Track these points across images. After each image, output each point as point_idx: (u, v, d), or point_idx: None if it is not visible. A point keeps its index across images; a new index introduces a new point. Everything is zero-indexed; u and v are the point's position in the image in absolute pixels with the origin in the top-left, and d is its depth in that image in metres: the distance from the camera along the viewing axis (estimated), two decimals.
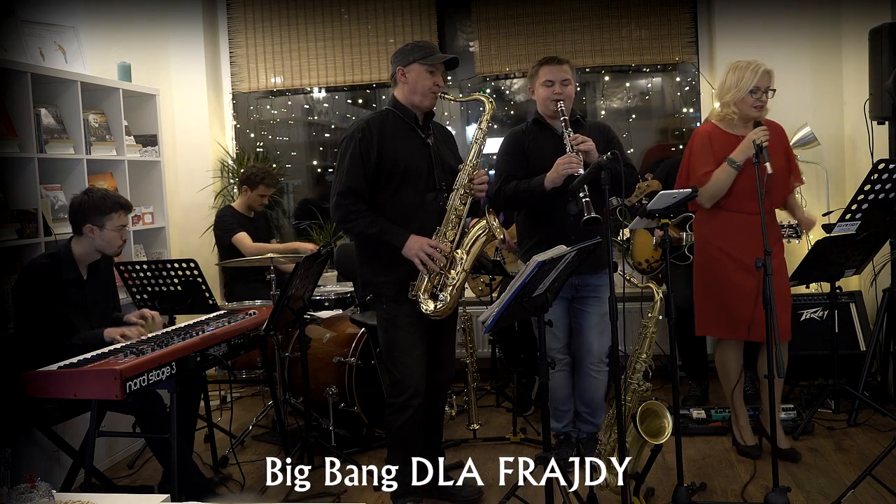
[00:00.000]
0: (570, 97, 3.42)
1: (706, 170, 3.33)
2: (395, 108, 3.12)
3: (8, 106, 3.75)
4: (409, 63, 3.06)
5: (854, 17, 4.67)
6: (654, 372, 3.15)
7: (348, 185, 2.98)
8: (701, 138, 3.41)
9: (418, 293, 2.98)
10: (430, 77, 3.06)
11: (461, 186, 3.05)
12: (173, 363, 2.86)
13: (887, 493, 3.04)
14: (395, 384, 3.08)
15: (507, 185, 3.42)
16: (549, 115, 3.46)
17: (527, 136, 3.52)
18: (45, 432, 3.20)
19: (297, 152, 5.93)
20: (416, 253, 2.94)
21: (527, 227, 3.57)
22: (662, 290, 3.04)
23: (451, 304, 3.01)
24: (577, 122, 3.50)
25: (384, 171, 3.01)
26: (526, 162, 3.46)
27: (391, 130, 3.06)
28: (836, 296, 4.08)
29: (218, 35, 5.62)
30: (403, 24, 5.40)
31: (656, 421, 2.96)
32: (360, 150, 2.99)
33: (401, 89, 3.11)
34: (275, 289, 4.17)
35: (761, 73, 3.27)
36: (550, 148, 3.36)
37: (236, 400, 4.93)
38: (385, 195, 3.04)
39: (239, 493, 3.41)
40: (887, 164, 3.05)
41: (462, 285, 3.03)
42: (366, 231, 2.99)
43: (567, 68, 3.43)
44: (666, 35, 5.19)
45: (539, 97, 3.47)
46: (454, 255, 3.01)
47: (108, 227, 3.21)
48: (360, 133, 3.01)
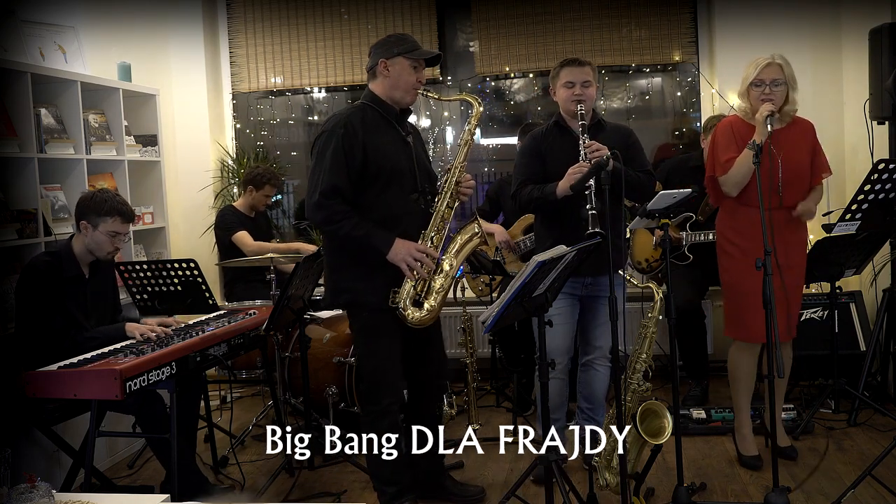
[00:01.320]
0: (591, 98, 3.35)
1: (729, 156, 3.30)
2: (373, 102, 2.96)
3: (8, 106, 3.75)
4: (392, 56, 2.93)
5: (854, 17, 4.67)
6: (654, 372, 3.15)
7: (332, 185, 2.81)
8: (724, 128, 3.40)
9: (401, 300, 2.87)
10: (413, 73, 2.94)
11: (448, 189, 2.95)
12: (173, 363, 2.86)
13: (887, 493, 3.04)
14: (372, 391, 2.98)
15: (523, 190, 3.37)
16: (570, 117, 3.41)
17: (546, 138, 3.46)
18: (45, 432, 3.19)
19: (297, 152, 5.93)
20: (403, 258, 2.82)
21: (542, 230, 3.55)
22: (662, 290, 3.04)
23: (436, 312, 2.91)
24: (599, 124, 3.43)
25: (369, 170, 2.86)
26: (543, 165, 3.40)
27: (373, 127, 2.91)
28: (836, 296, 4.08)
29: (218, 35, 5.62)
30: (403, 24, 5.40)
31: (656, 421, 2.95)
32: (343, 147, 2.83)
33: (381, 83, 2.96)
34: (275, 289, 4.17)
35: (762, 67, 3.26)
36: (568, 151, 3.30)
37: (236, 400, 4.93)
38: (370, 196, 2.89)
39: (239, 493, 3.41)
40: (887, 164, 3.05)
41: (447, 292, 2.93)
42: (351, 233, 2.82)
43: (588, 70, 3.35)
44: (666, 35, 5.18)
45: (560, 98, 3.42)
46: (440, 261, 2.92)
47: (100, 229, 3.18)
48: (341, 129, 2.85)
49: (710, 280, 4.39)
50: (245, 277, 4.81)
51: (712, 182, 3.41)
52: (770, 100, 3.23)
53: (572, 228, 3.31)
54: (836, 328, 4.04)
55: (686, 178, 4.17)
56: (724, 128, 3.40)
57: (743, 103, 3.38)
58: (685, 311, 4.19)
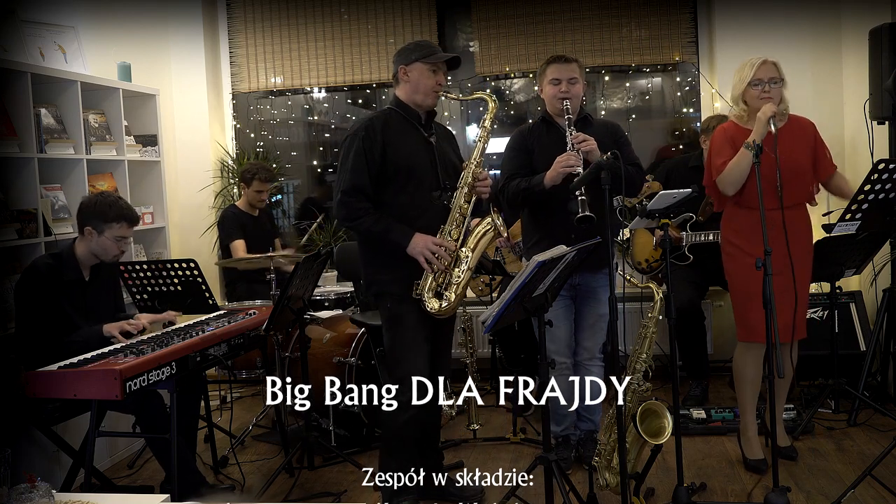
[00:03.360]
0: (577, 96, 3.41)
1: (722, 160, 3.31)
2: (398, 107, 3.12)
3: (8, 106, 3.75)
4: (410, 62, 3.07)
5: (854, 17, 4.67)
6: (654, 372, 3.15)
7: (353, 184, 2.98)
8: (719, 134, 3.41)
9: (422, 292, 2.98)
10: (432, 76, 3.06)
11: (465, 185, 3.05)
12: (173, 363, 2.86)
13: (887, 493, 3.04)
14: (398, 383, 3.06)
15: (511, 184, 3.43)
16: (556, 114, 3.46)
17: (532, 134, 3.52)
18: (45, 432, 3.20)
19: (297, 152, 5.93)
20: (420, 251, 2.94)
21: (529, 226, 3.58)
22: (662, 290, 3.04)
23: (456, 302, 3.00)
24: (586, 120, 3.50)
25: (388, 169, 3.01)
26: (530, 160, 3.46)
27: (395, 129, 3.05)
28: (836, 296, 4.08)
29: (218, 35, 5.62)
30: (403, 24, 5.40)
31: (656, 421, 2.95)
32: (364, 148, 2.98)
33: (403, 88, 3.11)
34: (275, 289, 4.17)
35: (759, 65, 3.27)
36: (555, 146, 3.35)
37: (236, 400, 4.93)
38: (389, 194, 3.03)
39: (239, 493, 3.41)
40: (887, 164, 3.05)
41: (467, 284, 3.03)
42: (371, 229, 2.98)
43: (575, 67, 3.42)
44: (666, 35, 5.19)
45: (546, 95, 3.47)
46: (459, 254, 3.01)
47: (106, 234, 3.20)
48: (363, 131, 3.00)
49: (710, 280, 4.39)
50: (245, 277, 4.81)
51: (714, 188, 3.41)
52: (770, 98, 3.24)
53: (560, 224, 3.32)
54: (836, 328, 4.04)
55: (685, 178, 4.19)
56: (720, 134, 3.41)
57: (737, 108, 3.38)
58: (685, 311, 4.19)
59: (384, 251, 3.03)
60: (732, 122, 3.44)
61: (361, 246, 3.17)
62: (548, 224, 3.44)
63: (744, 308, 3.37)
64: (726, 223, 3.47)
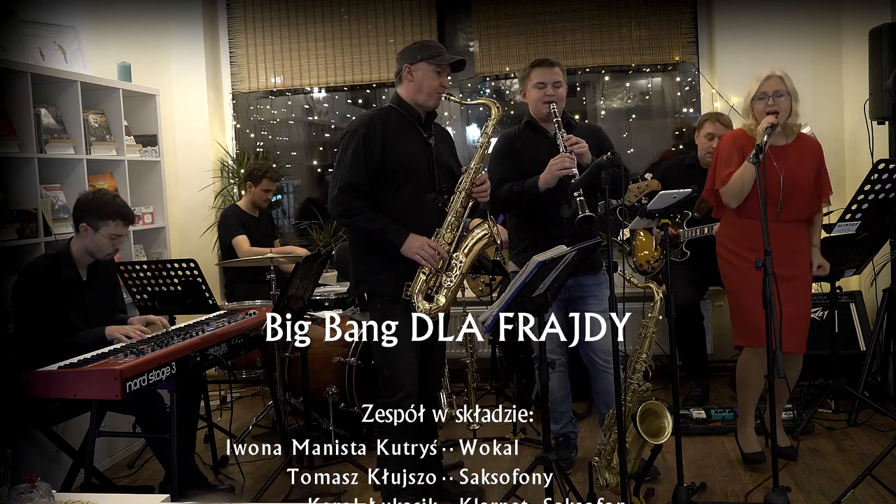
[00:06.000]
0: (561, 99, 3.41)
1: (729, 171, 3.30)
2: (399, 105, 3.10)
3: (8, 106, 3.75)
4: (416, 61, 3.04)
5: (854, 17, 4.67)
6: (654, 372, 3.15)
7: (350, 181, 2.96)
8: (727, 142, 3.40)
9: (413, 293, 2.97)
10: (436, 77, 3.04)
11: (463, 190, 3.03)
12: (173, 363, 2.86)
13: (887, 493, 3.04)
14: (387, 385, 3.04)
15: (501, 188, 3.39)
16: (542, 118, 3.46)
17: (519, 138, 3.50)
18: (45, 432, 3.20)
19: (297, 152, 5.93)
20: (415, 251, 2.92)
21: (518, 231, 3.55)
22: (662, 291, 3.04)
23: (445, 306, 2.98)
24: (569, 123, 3.48)
25: (386, 169, 2.99)
26: (519, 164, 3.44)
27: (395, 129, 3.04)
28: (836, 296, 4.08)
29: (218, 35, 5.62)
30: (403, 24, 5.40)
31: (656, 421, 2.95)
32: (363, 146, 2.97)
33: (406, 87, 3.09)
34: (275, 289, 4.17)
35: (763, 79, 3.27)
36: (543, 150, 3.34)
37: (236, 400, 4.93)
38: (385, 193, 3.02)
39: (239, 493, 3.41)
40: (887, 164, 3.06)
41: (457, 289, 3.01)
42: (366, 227, 2.97)
43: (558, 70, 3.42)
44: (666, 35, 5.18)
45: (531, 99, 3.46)
46: (451, 258, 3.00)
47: (101, 231, 3.19)
48: (363, 129, 2.99)
49: (709, 280, 4.39)
50: (245, 277, 4.81)
51: (714, 194, 3.41)
52: (774, 112, 3.23)
53: (552, 229, 3.31)
54: (836, 328, 4.04)
55: (681, 175, 4.22)
56: (728, 141, 3.40)
57: (747, 120, 3.37)
58: (684, 311, 4.19)
59: (377, 250, 3.01)
60: (743, 130, 3.43)
61: (353, 244, 3.16)
62: (539, 229, 3.42)
63: (744, 314, 3.36)
64: (724, 231, 3.47)
